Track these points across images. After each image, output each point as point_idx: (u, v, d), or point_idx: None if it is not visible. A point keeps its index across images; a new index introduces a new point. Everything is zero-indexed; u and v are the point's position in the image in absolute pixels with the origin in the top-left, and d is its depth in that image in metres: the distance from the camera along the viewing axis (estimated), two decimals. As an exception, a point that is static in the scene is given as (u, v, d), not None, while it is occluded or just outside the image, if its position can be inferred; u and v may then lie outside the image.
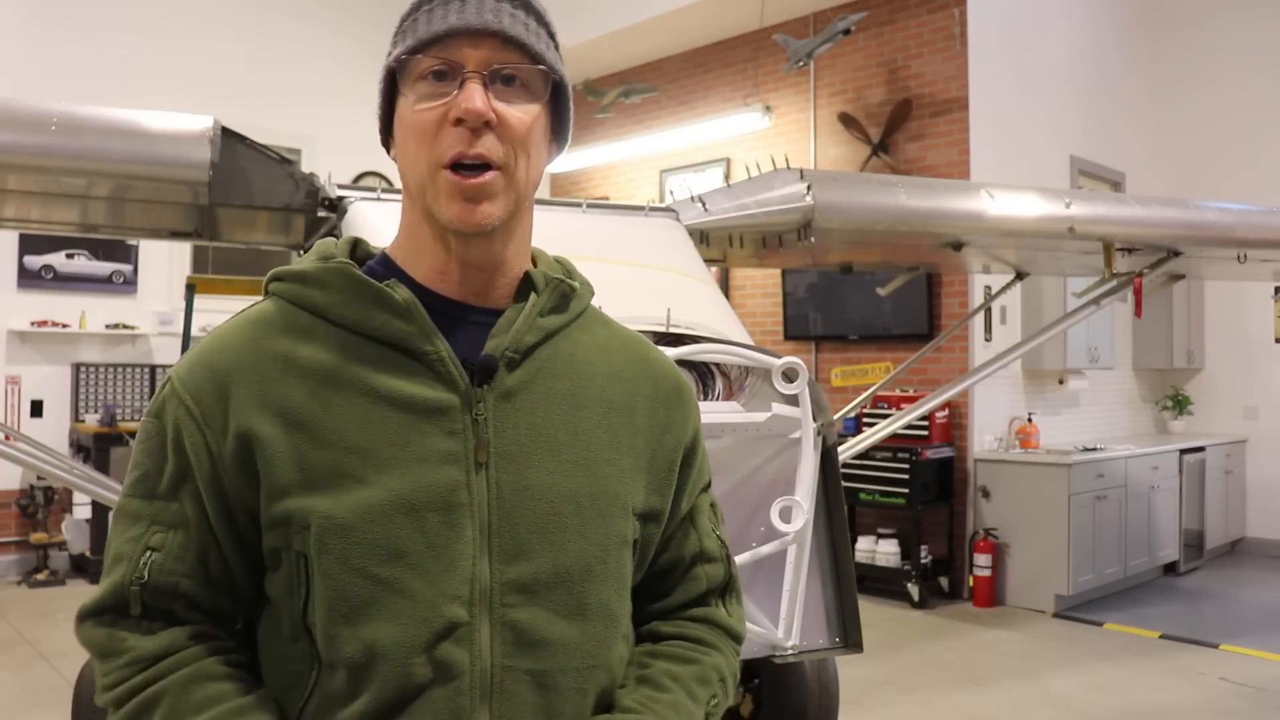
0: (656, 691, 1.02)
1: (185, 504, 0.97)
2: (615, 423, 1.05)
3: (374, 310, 0.98)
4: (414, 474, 0.94)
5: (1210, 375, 7.90)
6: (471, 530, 0.95)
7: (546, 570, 0.96)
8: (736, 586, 1.16)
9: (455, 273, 1.02)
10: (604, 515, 1.00)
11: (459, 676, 0.93)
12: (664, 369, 1.13)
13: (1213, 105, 7.89)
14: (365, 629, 0.92)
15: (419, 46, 0.97)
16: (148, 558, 0.96)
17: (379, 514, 0.93)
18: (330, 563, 0.92)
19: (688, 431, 1.11)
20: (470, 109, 0.94)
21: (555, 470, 0.99)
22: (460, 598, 0.93)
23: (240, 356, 0.98)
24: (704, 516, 1.14)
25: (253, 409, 0.95)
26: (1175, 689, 4.39)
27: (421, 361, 0.98)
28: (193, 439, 0.96)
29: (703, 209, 3.32)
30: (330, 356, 0.97)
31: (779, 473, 2.45)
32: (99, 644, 0.97)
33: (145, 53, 6.64)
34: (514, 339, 1.00)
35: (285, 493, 0.94)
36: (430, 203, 0.98)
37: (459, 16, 0.96)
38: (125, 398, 6.56)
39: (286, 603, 0.96)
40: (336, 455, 0.94)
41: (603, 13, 7.22)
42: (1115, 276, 3.92)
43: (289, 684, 0.96)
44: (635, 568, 1.06)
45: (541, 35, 1.01)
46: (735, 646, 1.13)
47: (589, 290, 1.12)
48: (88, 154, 2.49)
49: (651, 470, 1.06)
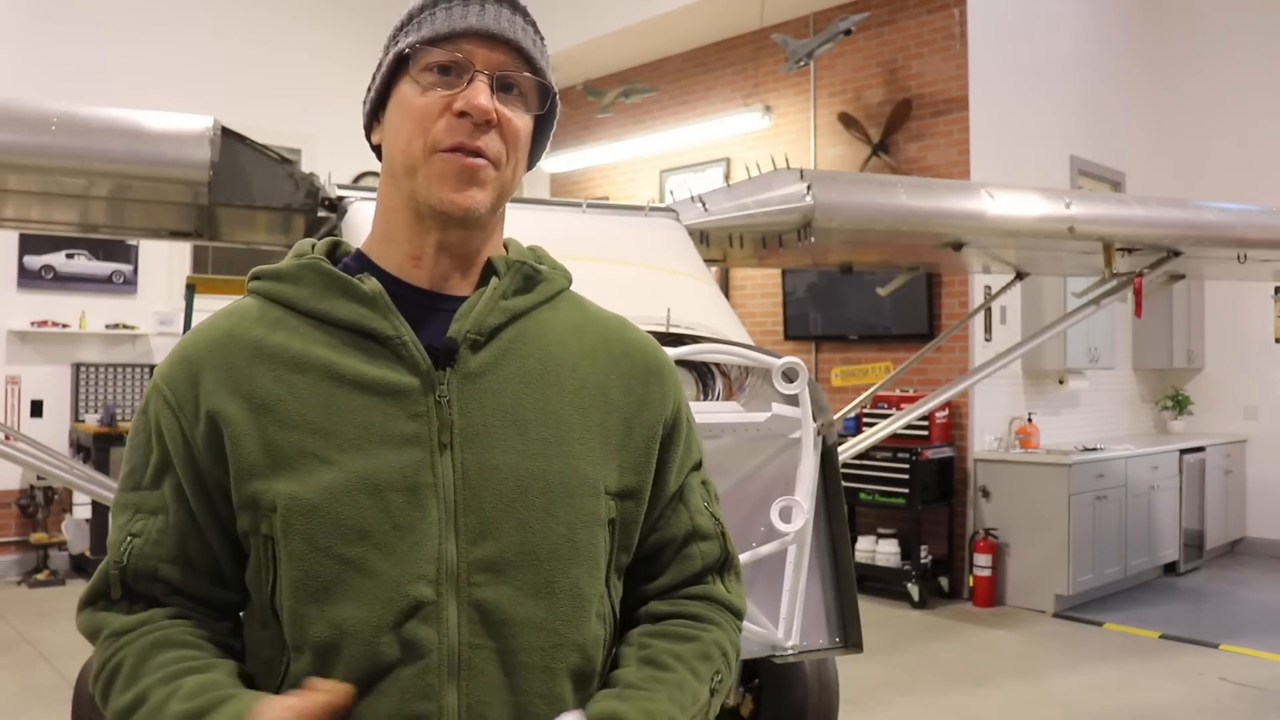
0: (660, 671, 1.03)
1: (166, 491, 1.00)
2: (587, 401, 1.05)
3: (341, 300, 1.01)
4: (377, 455, 0.96)
5: (1210, 375, 7.90)
6: (437, 510, 0.96)
7: (513, 549, 0.98)
8: (735, 564, 1.17)
9: (429, 259, 1.04)
10: (573, 494, 1.01)
11: (427, 655, 0.94)
12: (641, 346, 1.14)
13: (1213, 105, 7.89)
14: (332, 609, 0.94)
15: (436, 39, 1.00)
16: (128, 543, 1.00)
17: (342, 494, 0.95)
18: (296, 543, 0.94)
19: (667, 408, 1.11)
20: (477, 105, 0.98)
21: (522, 449, 1.00)
22: (426, 577, 0.95)
23: (212, 347, 1.02)
24: (695, 494, 1.14)
25: (221, 393, 0.98)
26: (1175, 689, 4.39)
27: (386, 346, 1.00)
28: (169, 426, 1.00)
29: (703, 209, 3.32)
30: (298, 344, 1.00)
31: (779, 473, 2.45)
32: (89, 629, 1.01)
33: (145, 53, 6.64)
34: (476, 321, 1.02)
35: (251, 475, 0.96)
36: (420, 183, 1.00)
37: (478, 19, 1.01)
38: (125, 398, 6.56)
39: (256, 589, 0.99)
40: (300, 437, 0.96)
41: (603, 13, 7.22)
42: (1115, 276, 3.92)
43: (263, 671, 0.99)
44: (621, 548, 1.07)
45: (543, 52, 1.06)
46: (736, 622, 1.14)
47: (563, 275, 1.13)
48: (88, 154, 2.49)
49: (628, 448, 1.07)
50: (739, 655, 1.14)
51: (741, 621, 1.15)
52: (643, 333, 1.17)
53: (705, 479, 1.17)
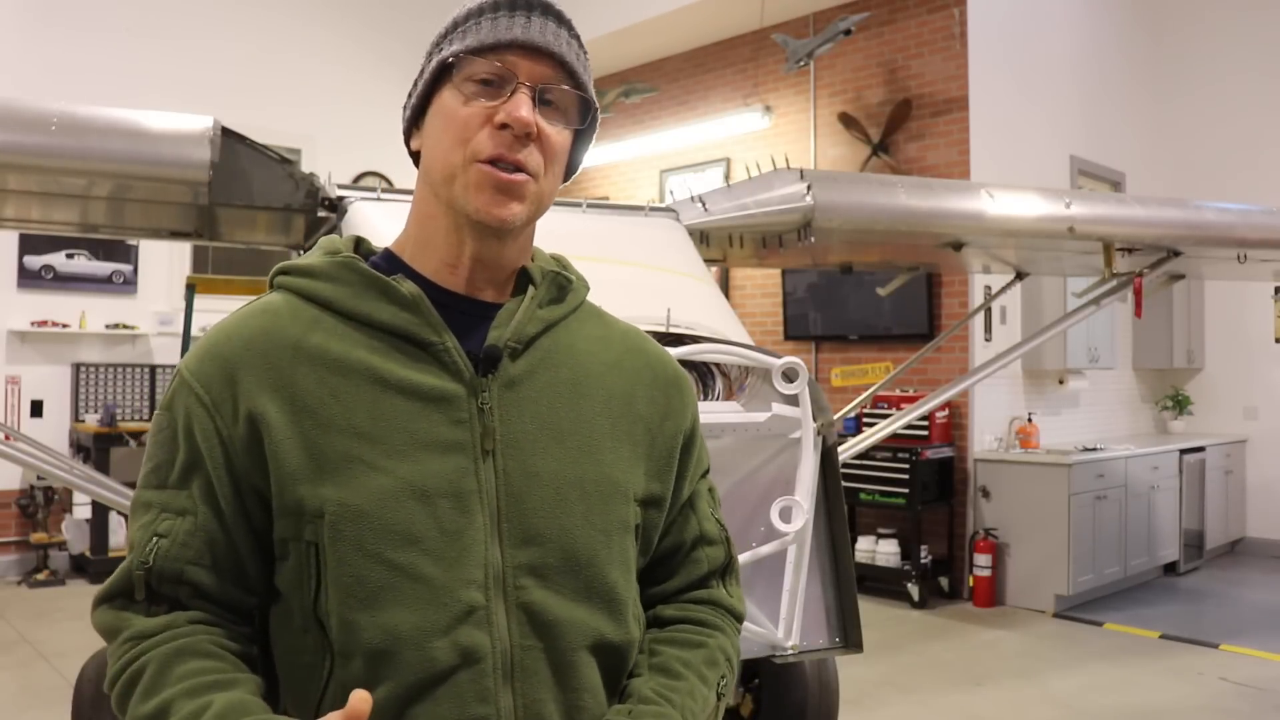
0: (671, 680, 1.05)
1: (195, 492, 0.98)
2: (616, 411, 1.07)
3: (381, 303, 1.01)
4: (423, 461, 0.97)
5: (1210, 375, 7.90)
6: (482, 516, 0.97)
7: (555, 554, 0.99)
8: (735, 567, 1.20)
9: (465, 267, 1.04)
10: (607, 501, 1.03)
11: (483, 659, 0.95)
12: (661, 359, 1.16)
13: (1213, 105, 7.89)
14: (383, 615, 0.93)
15: (480, 49, 1.00)
16: (154, 544, 0.98)
17: (391, 500, 0.95)
18: (345, 549, 0.94)
19: (686, 419, 1.14)
20: (519, 117, 0.98)
21: (560, 457, 1.02)
22: (476, 582, 0.96)
23: (249, 344, 1.00)
24: (703, 501, 1.17)
25: (262, 393, 0.97)
26: (1175, 689, 4.39)
27: (428, 352, 1.00)
28: (203, 426, 0.98)
29: (703, 209, 3.32)
30: (338, 345, 0.99)
31: (779, 473, 2.45)
32: (106, 626, 0.99)
33: (145, 53, 6.64)
34: (516, 330, 1.03)
35: (295, 480, 0.95)
36: (458, 192, 1.00)
37: (524, 31, 1.00)
38: (125, 398, 6.55)
39: (295, 594, 0.97)
40: (346, 441, 0.96)
41: (603, 13, 7.21)
42: (1115, 276, 3.92)
43: (302, 676, 0.98)
44: (640, 553, 1.09)
45: (587, 66, 1.06)
46: (737, 626, 1.17)
47: (585, 285, 1.15)
48: (88, 154, 2.49)
49: (652, 457, 1.09)
50: (740, 658, 1.16)
51: (741, 625, 1.18)
52: (659, 345, 1.19)
53: (711, 485, 1.20)
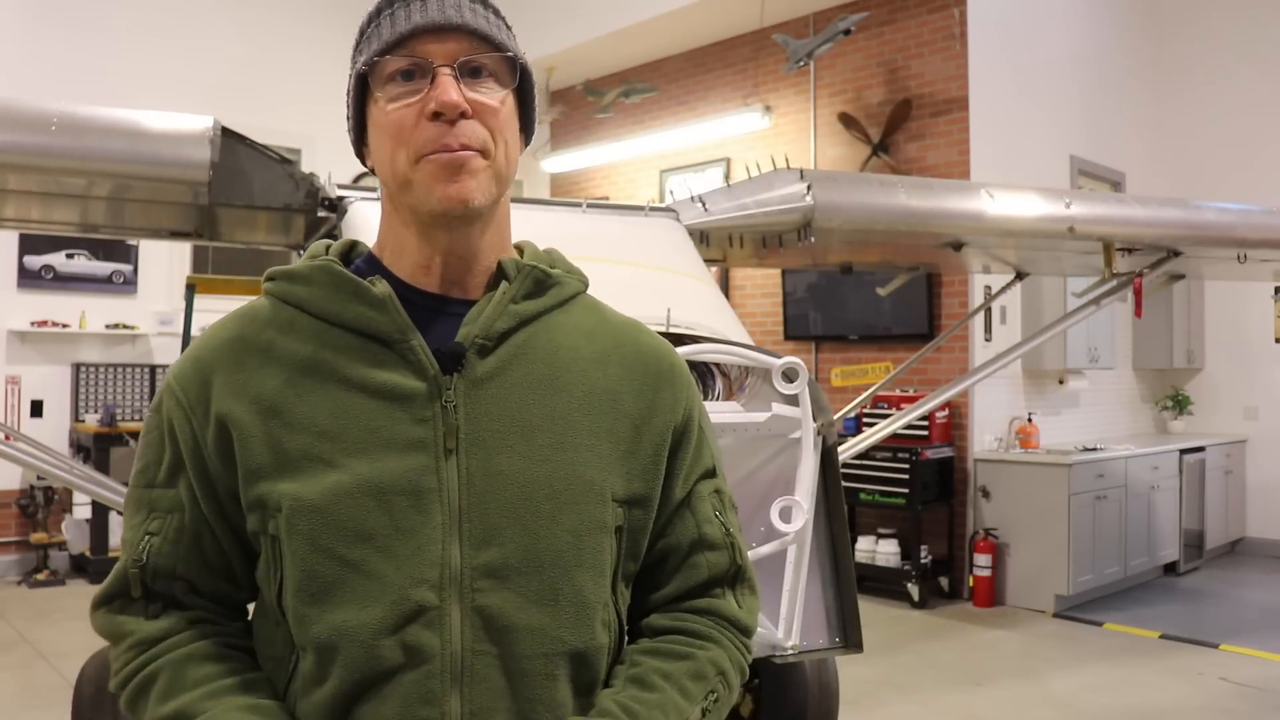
0: (642, 691, 1.01)
1: (180, 490, 1.01)
2: (596, 407, 1.04)
3: (351, 303, 1.01)
4: (382, 459, 0.97)
5: (1210, 375, 7.90)
6: (441, 515, 0.96)
7: (517, 555, 0.97)
8: (747, 576, 1.13)
9: (438, 266, 1.04)
10: (578, 501, 1.00)
11: (430, 660, 0.94)
12: (655, 352, 1.12)
13: (1213, 105, 7.89)
14: (333, 610, 0.94)
15: (386, 48, 0.99)
16: (146, 542, 1.00)
17: (346, 496, 0.95)
18: (299, 544, 0.95)
19: (677, 414, 1.09)
20: (446, 100, 0.97)
21: (528, 455, 1.00)
22: (429, 581, 0.95)
23: (224, 348, 1.02)
24: (704, 502, 1.11)
25: (230, 395, 0.99)
26: (1175, 689, 4.39)
27: (394, 350, 1.00)
28: (182, 427, 1.01)
29: (703, 209, 3.32)
30: (308, 346, 1.00)
31: (779, 473, 2.44)
32: (107, 630, 1.02)
33: (145, 53, 6.64)
34: (484, 326, 1.02)
35: (258, 476, 0.97)
36: (417, 194, 0.99)
37: (422, 15, 0.99)
38: (125, 398, 6.56)
39: (266, 586, 1.00)
40: (307, 440, 0.97)
41: (603, 13, 7.21)
42: (1115, 276, 3.92)
43: (274, 668, 1.00)
44: (629, 555, 1.05)
45: (500, 26, 1.04)
46: (741, 639, 1.10)
47: (578, 279, 1.13)
48: (88, 154, 2.49)
49: (636, 455, 1.05)
50: (743, 674, 1.11)
51: (749, 639, 1.12)
52: (657, 337, 1.15)
53: (719, 488, 1.14)
